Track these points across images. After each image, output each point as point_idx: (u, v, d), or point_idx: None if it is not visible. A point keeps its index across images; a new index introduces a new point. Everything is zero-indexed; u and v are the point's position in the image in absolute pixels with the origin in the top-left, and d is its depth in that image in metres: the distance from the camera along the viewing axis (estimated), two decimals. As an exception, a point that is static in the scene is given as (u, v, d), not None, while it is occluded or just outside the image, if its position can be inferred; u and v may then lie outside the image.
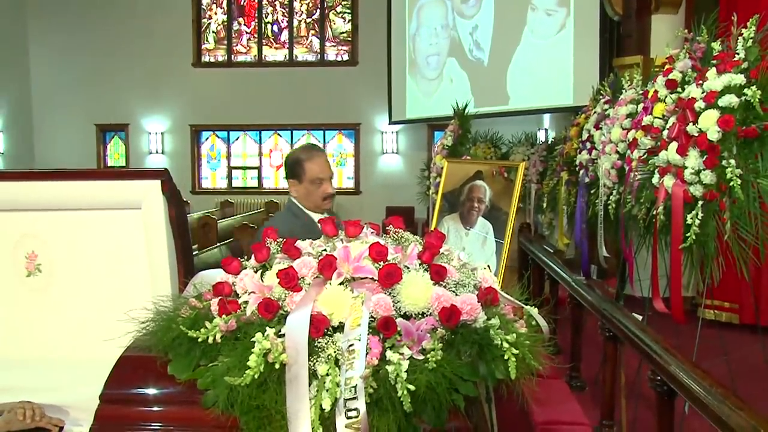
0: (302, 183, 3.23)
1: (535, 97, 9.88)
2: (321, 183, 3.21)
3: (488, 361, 1.77)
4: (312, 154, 3.26)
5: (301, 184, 3.25)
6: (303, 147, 3.52)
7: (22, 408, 2.23)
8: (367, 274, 1.84)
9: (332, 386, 1.66)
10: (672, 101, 3.37)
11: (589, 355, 4.99)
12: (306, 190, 3.24)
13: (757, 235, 2.94)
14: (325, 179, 3.21)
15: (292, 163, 3.29)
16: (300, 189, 3.26)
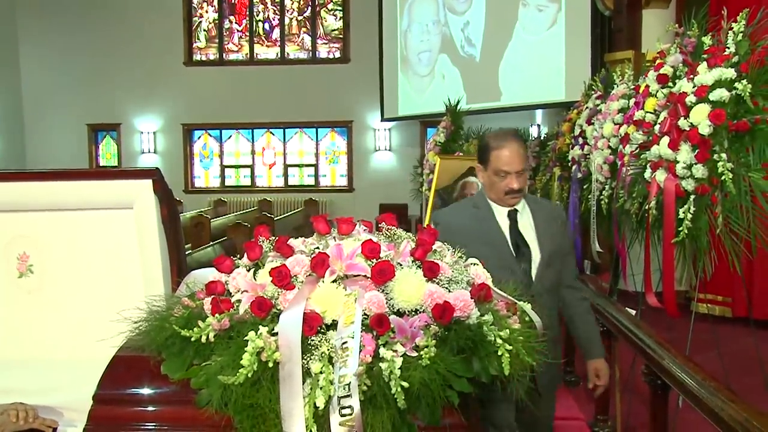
0: (486, 171, 2.91)
1: (527, 93, 9.89)
2: (505, 176, 2.82)
3: (482, 358, 1.77)
4: (502, 143, 2.84)
5: (485, 171, 2.92)
6: (498, 132, 3.05)
7: (15, 409, 2.23)
8: (360, 271, 1.84)
9: (326, 384, 1.66)
10: (663, 96, 3.38)
11: (583, 350, 4.99)
12: (489, 180, 2.90)
13: (749, 228, 2.95)
14: (511, 173, 2.81)
15: (482, 147, 3.00)
16: (485, 177, 2.95)
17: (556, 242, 2.88)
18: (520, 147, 2.82)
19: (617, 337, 3.71)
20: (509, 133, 2.90)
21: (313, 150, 15.01)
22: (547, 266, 2.84)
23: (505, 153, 2.80)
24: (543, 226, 2.88)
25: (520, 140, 2.86)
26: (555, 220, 2.93)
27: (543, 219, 2.89)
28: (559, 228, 2.94)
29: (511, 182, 2.80)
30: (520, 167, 2.81)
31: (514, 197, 2.86)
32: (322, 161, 15.03)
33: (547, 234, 2.87)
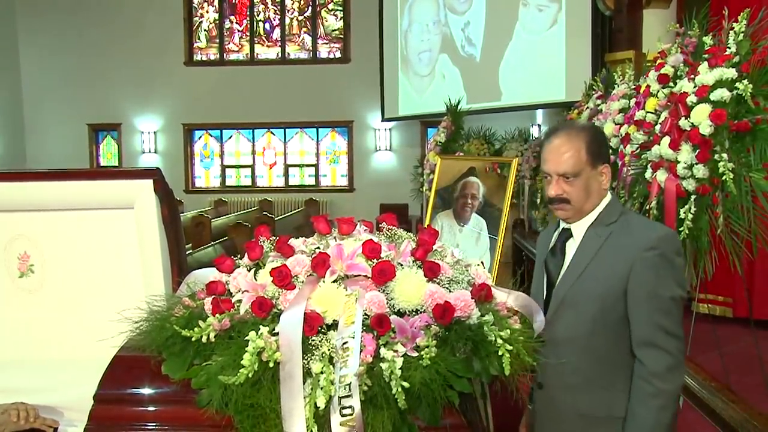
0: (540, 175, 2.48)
1: (528, 93, 9.88)
2: (549, 181, 2.22)
3: (482, 358, 1.77)
4: (548, 136, 2.25)
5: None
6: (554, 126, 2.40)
7: (16, 409, 2.23)
8: (361, 271, 1.84)
9: (326, 384, 1.66)
10: (664, 96, 3.37)
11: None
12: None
13: (750, 228, 2.95)
14: (552, 175, 2.18)
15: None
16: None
17: (608, 281, 2.10)
18: (564, 143, 2.14)
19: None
20: (560, 126, 2.26)
21: (314, 150, 15.01)
22: (569, 307, 2.15)
23: (548, 150, 2.19)
24: (600, 255, 2.14)
25: (570, 134, 2.15)
26: (633, 251, 2.08)
27: (613, 246, 2.13)
28: (632, 263, 2.08)
29: (550, 188, 2.19)
30: (560, 169, 2.14)
31: (557, 208, 2.21)
32: (323, 161, 15.02)
33: (596, 265, 2.14)
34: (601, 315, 2.11)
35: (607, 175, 2.20)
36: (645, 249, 2.07)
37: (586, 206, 2.19)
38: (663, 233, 2.12)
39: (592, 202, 2.19)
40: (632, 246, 2.09)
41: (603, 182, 2.19)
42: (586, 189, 2.16)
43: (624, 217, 2.19)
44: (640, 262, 2.07)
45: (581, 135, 2.14)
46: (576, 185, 2.15)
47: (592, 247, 2.16)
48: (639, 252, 2.07)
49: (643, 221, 2.33)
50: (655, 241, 2.08)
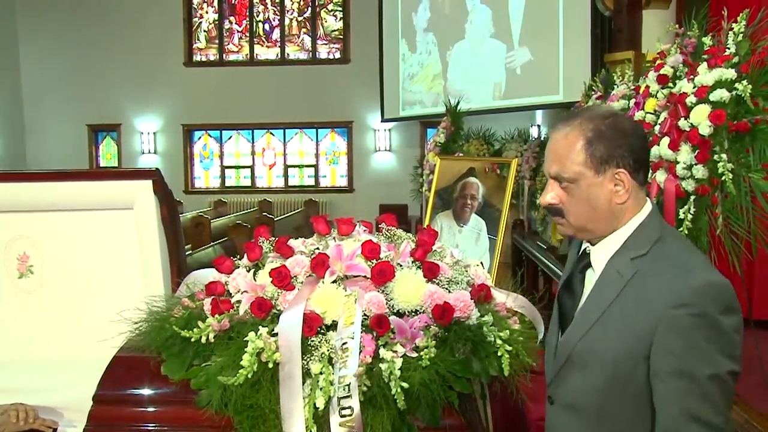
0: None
1: (528, 93, 9.88)
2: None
3: (482, 358, 1.77)
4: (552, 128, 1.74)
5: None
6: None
7: (15, 410, 2.23)
8: (360, 272, 1.84)
9: (326, 385, 1.66)
10: (663, 96, 3.37)
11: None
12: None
13: (749, 229, 2.95)
14: (549, 177, 1.69)
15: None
16: None
17: (625, 341, 1.55)
18: (561, 136, 1.62)
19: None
20: (571, 113, 1.76)
21: (313, 150, 15.01)
22: (576, 367, 1.65)
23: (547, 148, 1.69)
24: (619, 303, 1.58)
25: (571, 124, 1.62)
26: (659, 306, 1.51)
27: (636, 293, 1.56)
28: (656, 323, 1.51)
29: (545, 192, 1.69)
30: (551, 169, 1.66)
31: (556, 222, 1.72)
32: (322, 162, 15.02)
33: (612, 317, 1.58)
34: (613, 385, 1.57)
35: (626, 185, 1.58)
36: (674, 305, 1.48)
37: (594, 226, 1.63)
38: (702, 281, 1.49)
39: (604, 220, 1.62)
40: (658, 298, 1.51)
41: (619, 194, 1.59)
42: (588, 201, 1.60)
43: (658, 249, 1.57)
44: (666, 323, 1.49)
45: (584, 125, 1.59)
46: (573, 194, 1.61)
47: (610, 290, 1.59)
48: (665, 308, 1.49)
49: (681, 259, 1.56)
50: (689, 294, 1.47)
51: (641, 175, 1.62)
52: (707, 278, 1.51)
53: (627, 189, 1.59)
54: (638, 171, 1.60)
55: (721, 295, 1.49)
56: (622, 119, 1.62)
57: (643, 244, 1.59)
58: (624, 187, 1.59)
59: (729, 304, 1.50)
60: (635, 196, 1.61)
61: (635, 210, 1.62)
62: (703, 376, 1.47)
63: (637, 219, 1.62)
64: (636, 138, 1.60)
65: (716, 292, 1.49)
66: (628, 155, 1.58)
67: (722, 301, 1.49)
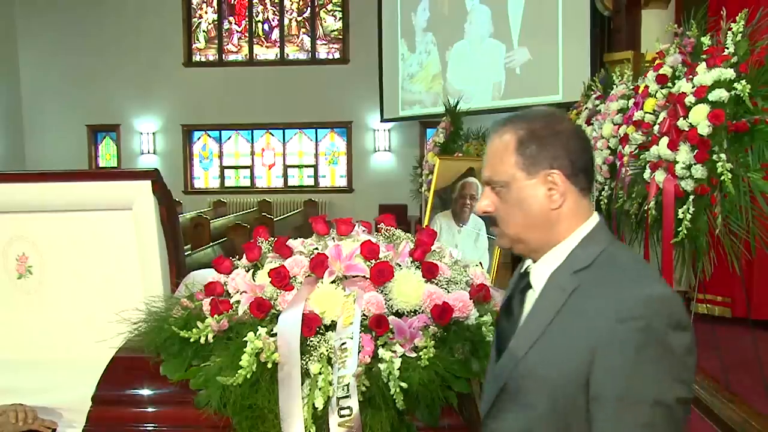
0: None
1: (527, 93, 9.88)
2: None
3: (481, 358, 1.77)
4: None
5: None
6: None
7: (14, 410, 2.23)
8: (359, 272, 1.84)
9: (325, 385, 1.66)
10: (662, 96, 3.38)
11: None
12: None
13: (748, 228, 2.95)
14: (483, 182, 1.52)
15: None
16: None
17: (563, 367, 1.34)
18: (494, 138, 1.48)
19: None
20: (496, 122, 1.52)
21: (313, 151, 15.01)
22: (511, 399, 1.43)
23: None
24: (558, 324, 1.37)
25: (504, 125, 1.48)
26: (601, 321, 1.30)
27: (576, 310, 1.36)
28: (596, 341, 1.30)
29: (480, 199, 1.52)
30: (484, 172, 1.50)
31: (498, 235, 1.53)
32: (322, 162, 15.02)
33: (550, 340, 1.38)
34: (554, 415, 1.35)
35: (561, 188, 1.42)
36: (617, 318, 1.28)
37: (529, 235, 1.45)
38: (650, 293, 1.31)
39: (539, 229, 1.44)
40: (600, 311, 1.31)
41: (553, 199, 1.42)
42: (521, 207, 1.43)
43: (603, 260, 1.40)
44: (607, 339, 1.29)
45: (518, 126, 1.45)
46: (506, 199, 1.45)
47: (549, 307, 1.39)
48: (607, 322, 1.29)
49: (628, 269, 1.39)
50: (634, 306, 1.29)
51: (581, 181, 1.44)
52: (655, 290, 1.32)
53: (562, 193, 1.42)
54: (576, 175, 1.43)
55: (670, 309, 1.30)
56: (560, 119, 1.48)
57: (587, 257, 1.40)
58: (558, 191, 1.41)
59: (679, 319, 1.30)
60: (574, 203, 1.43)
61: (577, 220, 1.44)
62: (647, 402, 1.26)
63: (581, 231, 1.44)
64: (574, 139, 1.44)
65: (665, 305, 1.30)
66: (562, 156, 1.42)
67: (672, 316, 1.29)
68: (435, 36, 11.88)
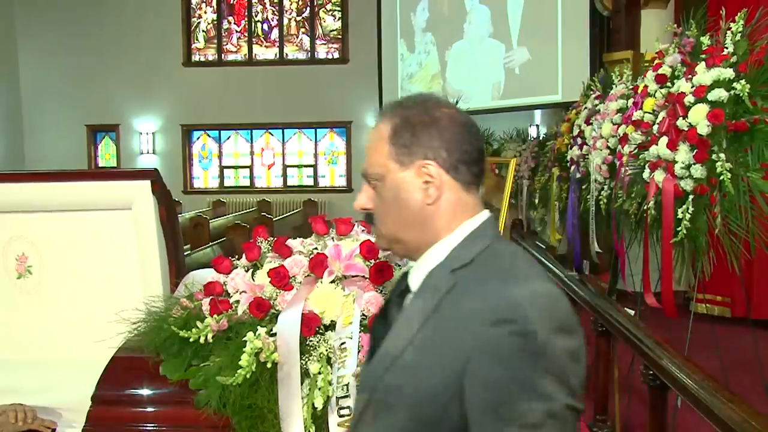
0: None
1: (526, 93, 9.88)
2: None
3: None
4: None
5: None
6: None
7: (14, 410, 2.23)
8: (359, 272, 1.84)
9: (324, 385, 1.66)
10: (662, 96, 3.37)
11: (582, 350, 4.98)
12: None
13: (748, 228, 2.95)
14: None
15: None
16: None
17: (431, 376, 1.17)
18: (372, 131, 1.36)
19: (616, 337, 3.71)
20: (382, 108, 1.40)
21: (312, 150, 15.01)
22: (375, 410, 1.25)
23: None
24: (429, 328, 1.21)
25: (381, 116, 1.35)
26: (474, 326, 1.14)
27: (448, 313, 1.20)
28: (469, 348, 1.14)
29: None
30: (363, 166, 1.37)
31: (375, 235, 1.40)
32: (321, 162, 15.02)
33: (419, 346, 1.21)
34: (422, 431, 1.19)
35: (437, 181, 1.28)
36: (492, 321, 1.13)
37: (406, 234, 1.31)
38: (530, 292, 1.16)
39: (416, 227, 1.30)
40: (475, 313, 1.15)
41: (428, 193, 1.28)
42: (397, 201, 1.30)
43: (484, 256, 1.25)
44: (481, 345, 1.13)
45: (395, 114, 1.32)
46: (381, 194, 1.32)
47: (420, 311, 1.23)
48: (482, 326, 1.13)
49: (510, 266, 1.25)
50: (512, 307, 1.13)
51: (463, 173, 1.30)
52: (537, 288, 1.18)
53: (438, 186, 1.27)
54: (455, 167, 1.29)
55: (553, 310, 1.16)
56: (438, 105, 1.33)
57: (468, 254, 1.25)
58: (434, 184, 1.27)
59: (564, 321, 1.16)
60: (455, 198, 1.29)
61: (459, 216, 1.30)
62: (528, 414, 1.10)
63: (464, 228, 1.29)
64: (453, 128, 1.29)
65: (548, 305, 1.16)
66: (438, 146, 1.27)
67: (555, 318, 1.15)
68: (434, 36, 11.88)
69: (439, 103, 1.33)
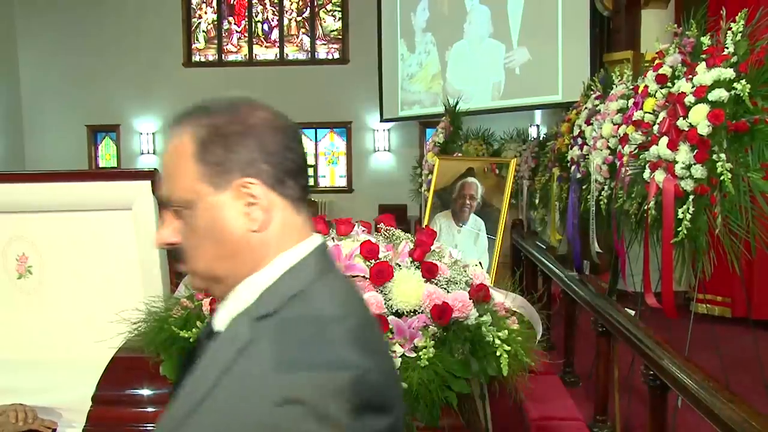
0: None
1: (527, 93, 9.89)
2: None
3: (480, 358, 1.77)
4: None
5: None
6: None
7: (14, 410, 2.23)
8: (359, 272, 1.84)
9: (325, 385, 1.66)
10: (662, 96, 3.38)
11: (583, 351, 5.00)
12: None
13: (748, 228, 2.95)
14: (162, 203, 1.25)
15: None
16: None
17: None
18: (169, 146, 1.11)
19: (616, 337, 3.71)
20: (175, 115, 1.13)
21: (312, 151, 15.00)
22: None
23: None
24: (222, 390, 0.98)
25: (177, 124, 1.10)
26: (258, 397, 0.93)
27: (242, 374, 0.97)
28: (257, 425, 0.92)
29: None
30: (163, 190, 1.12)
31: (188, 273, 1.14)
32: (321, 162, 15.02)
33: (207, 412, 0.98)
34: None
35: (262, 202, 1.06)
36: (275, 402, 0.90)
37: (227, 272, 1.08)
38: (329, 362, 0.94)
39: (240, 262, 1.07)
40: (261, 386, 0.93)
41: (252, 218, 1.05)
42: (212, 233, 1.06)
43: (294, 305, 1.02)
44: (268, 427, 0.91)
45: (194, 122, 1.07)
46: (191, 224, 1.07)
47: (213, 369, 1.01)
48: (266, 404, 0.91)
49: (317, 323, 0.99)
50: (299, 384, 0.92)
51: (291, 188, 1.10)
52: (343, 357, 0.95)
53: (266, 208, 1.06)
54: (282, 182, 1.08)
55: (357, 386, 0.93)
56: (252, 109, 1.09)
57: (277, 299, 1.02)
58: (259, 206, 1.05)
59: (372, 398, 0.95)
60: (285, 220, 1.09)
61: (285, 242, 1.08)
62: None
63: (285, 260, 1.07)
64: (274, 134, 1.08)
65: (349, 379, 0.93)
66: (259, 158, 1.05)
67: (359, 395, 0.93)
68: (434, 36, 11.89)
69: (252, 106, 1.10)
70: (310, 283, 1.04)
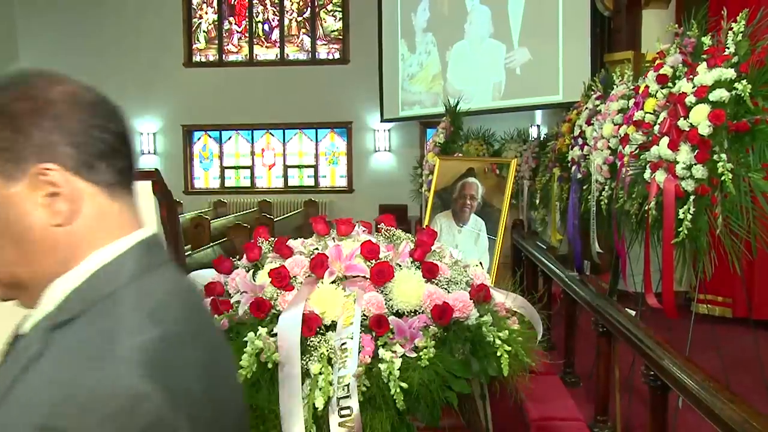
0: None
1: (527, 93, 9.88)
2: None
3: (481, 358, 1.77)
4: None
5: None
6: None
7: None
8: (359, 272, 1.84)
9: (325, 385, 1.66)
10: (663, 96, 3.37)
11: (583, 351, 5.00)
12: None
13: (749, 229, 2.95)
14: None
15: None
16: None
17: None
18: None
19: (617, 337, 3.71)
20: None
21: (313, 151, 15.00)
22: None
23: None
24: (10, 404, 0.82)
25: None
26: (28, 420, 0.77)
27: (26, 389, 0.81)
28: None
29: None
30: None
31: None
32: (322, 162, 15.02)
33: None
34: None
35: (65, 191, 0.90)
36: (33, 426, 0.77)
37: (28, 275, 0.94)
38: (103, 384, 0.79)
39: (43, 263, 0.92)
40: (26, 409, 0.80)
41: (56, 211, 0.90)
42: (8, 230, 0.91)
43: (99, 311, 0.87)
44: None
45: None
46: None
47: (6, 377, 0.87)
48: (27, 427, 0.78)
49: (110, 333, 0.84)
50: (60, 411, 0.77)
51: (103, 172, 0.94)
52: (119, 379, 0.80)
53: (70, 198, 0.90)
54: (90, 165, 0.92)
55: (130, 414, 0.78)
56: (51, 83, 0.95)
57: (80, 303, 0.88)
58: (63, 196, 0.90)
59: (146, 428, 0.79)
60: (95, 209, 0.92)
61: (100, 236, 0.93)
62: None
63: (99, 256, 0.92)
64: (78, 110, 0.96)
65: (121, 407, 0.78)
66: (59, 140, 0.91)
67: (134, 419, 0.78)
68: (435, 36, 11.89)
69: (52, 79, 0.95)
70: (123, 286, 0.89)
